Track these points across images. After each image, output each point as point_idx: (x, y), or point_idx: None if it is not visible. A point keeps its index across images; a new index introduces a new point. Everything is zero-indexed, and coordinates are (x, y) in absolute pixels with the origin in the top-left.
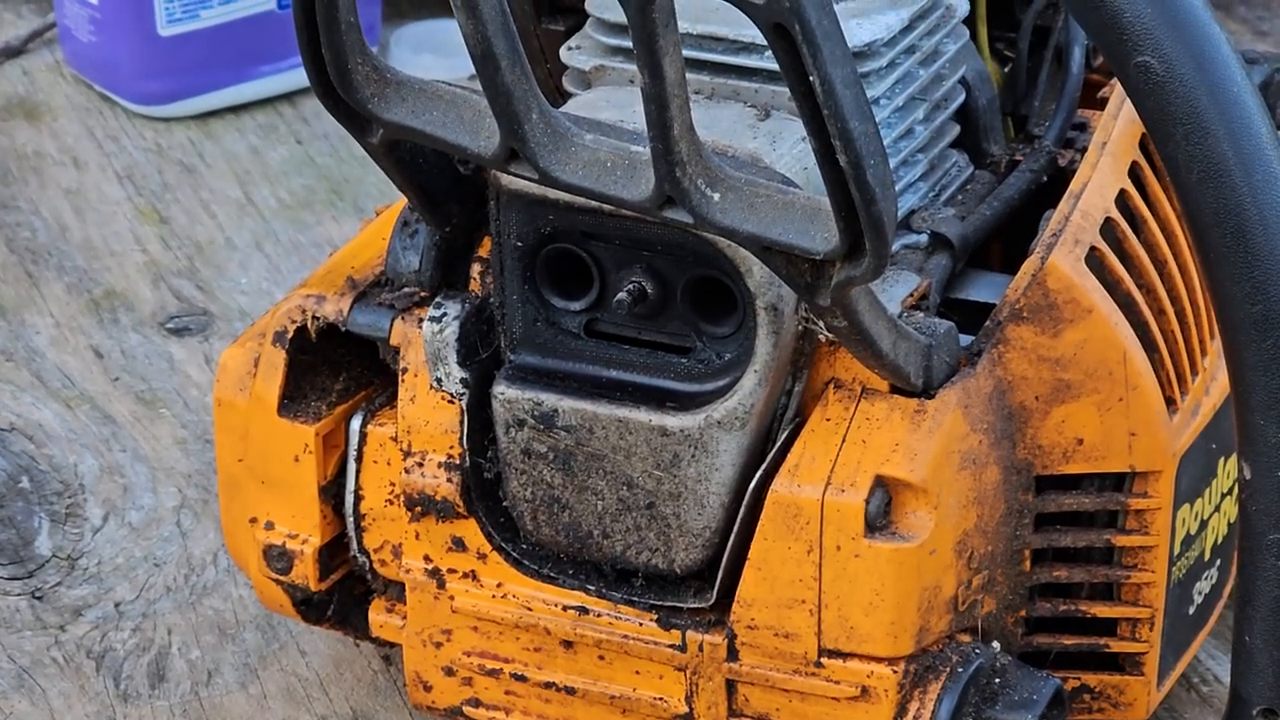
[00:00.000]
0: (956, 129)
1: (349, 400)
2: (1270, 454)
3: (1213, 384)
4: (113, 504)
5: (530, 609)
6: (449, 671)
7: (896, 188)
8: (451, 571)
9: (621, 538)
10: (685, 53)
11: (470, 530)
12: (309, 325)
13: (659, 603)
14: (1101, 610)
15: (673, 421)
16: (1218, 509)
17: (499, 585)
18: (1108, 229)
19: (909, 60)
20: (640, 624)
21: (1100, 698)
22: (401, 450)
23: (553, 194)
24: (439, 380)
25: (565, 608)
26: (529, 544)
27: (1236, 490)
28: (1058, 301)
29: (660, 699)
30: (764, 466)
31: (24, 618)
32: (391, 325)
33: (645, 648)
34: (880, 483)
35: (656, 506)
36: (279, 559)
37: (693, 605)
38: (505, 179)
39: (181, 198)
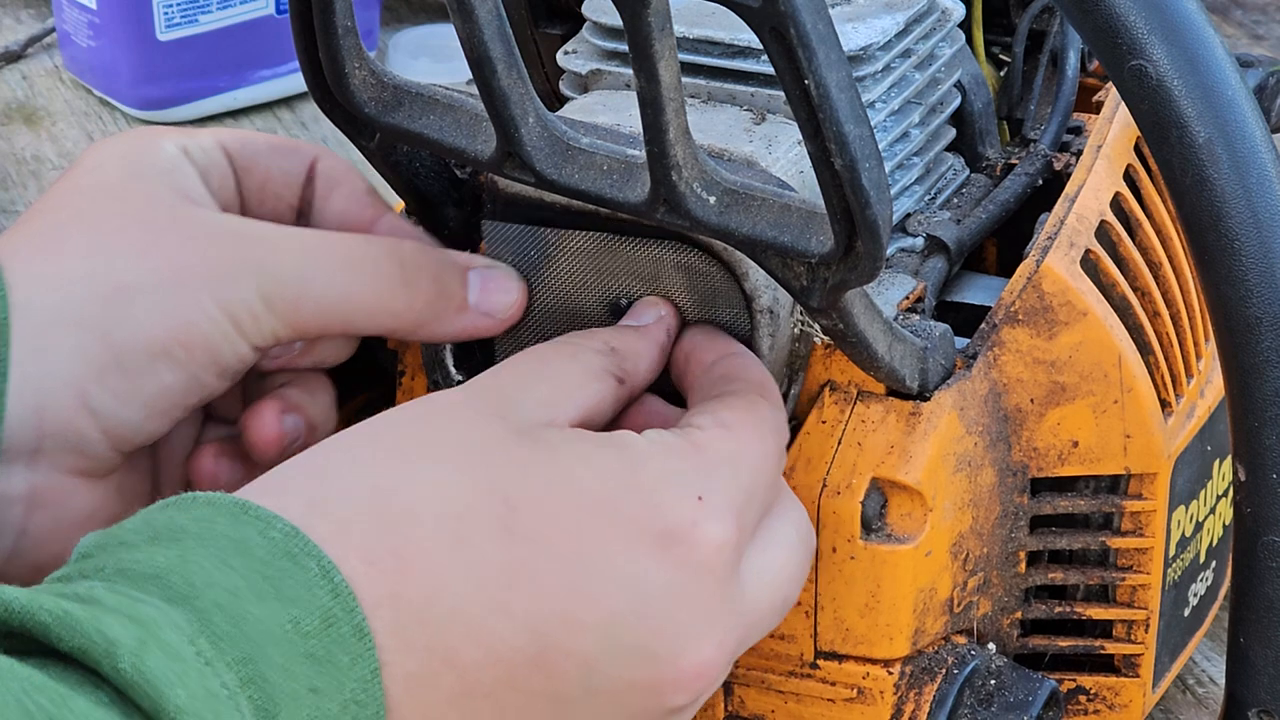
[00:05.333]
0: (952, 132)
1: (346, 403)
2: (1265, 456)
3: (1208, 387)
4: None
5: None
6: None
7: (892, 191)
8: None
9: None
10: (681, 56)
11: None
12: None
13: None
14: (1097, 612)
15: None
16: (1213, 511)
17: None
18: (1103, 232)
19: (904, 64)
20: None
21: (1096, 699)
22: None
23: (549, 197)
24: (436, 383)
25: None
26: None
27: (1231, 492)
28: (1053, 304)
29: None
30: None
31: None
32: None
33: None
34: (876, 485)
35: None
36: None
37: None
38: (502, 182)
39: None
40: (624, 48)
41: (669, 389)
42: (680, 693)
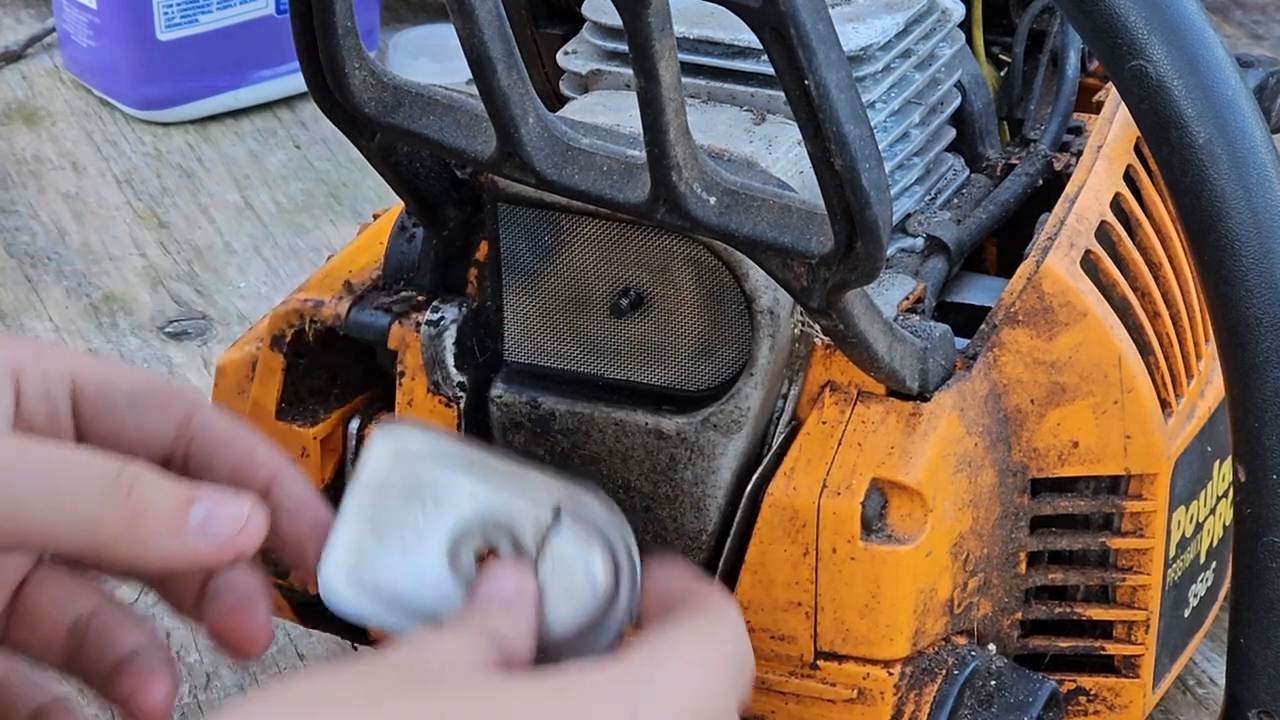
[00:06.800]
0: (952, 133)
1: (347, 404)
2: (1265, 457)
3: (1208, 387)
4: None
5: None
6: None
7: (892, 191)
8: None
9: None
10: (681, 57)
11: None
12: (306, 329)
13: None
14: (1097, 613)
15: (669, 424)
16: (1213, 512)
17: None
18: (1103, 233)
19: (904, 64)
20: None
21: (1096, 700)
22: None
23: (549, 197)
24: (436, 384)
25: None
26: None
27: (1231, 493)
28: (1053, 305)
29: None
30: (760, 470)
31: None
32: (389, 329)
33: None
34: (876, 485)
35: (653, 510)
36: (278, 562)
37: None
38: (502, 182)
39: (180, 202)
40: (624, 48)
41: None
42: None
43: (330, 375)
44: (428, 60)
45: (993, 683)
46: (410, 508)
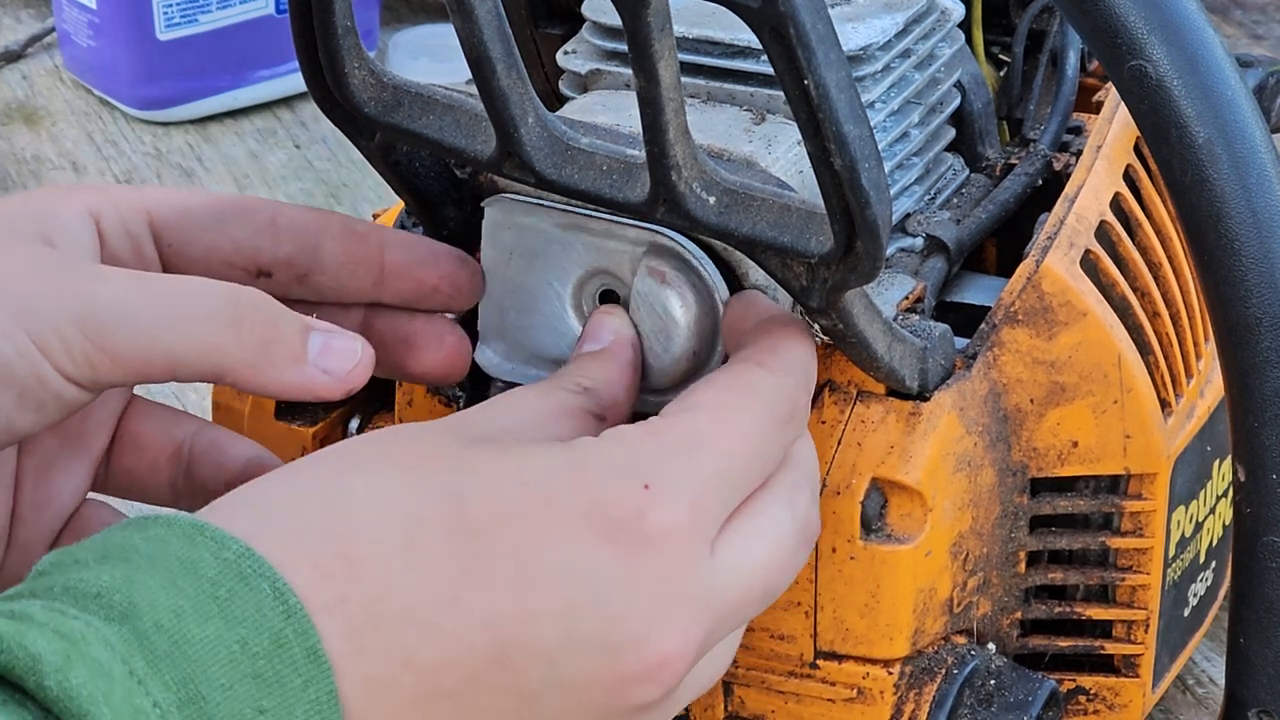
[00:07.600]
0: (952, 133)
1: (346, 403)
2: (1265, 456)
3: (1207, 387)
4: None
5: None
6: None
7: (891, 191)
8: None
9: None
10: (681, 56)
11: None
12: None
13: None
14: (1097, 612)
15: None
16: (1213, 511)
17: None
18: (1102, 232)
19: (904, 64)
20: None
21: (1095, 699)
22: None
23: (549, 197)
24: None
25: None
26: None
27: (1231, 493)
28: (1052, 305)
29: None
30: None
31: None
32: None
33: None
34: (875, 485)
35: None
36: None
37: None
38: (502, 182)
39: None
40: (624, 48)
41: None
42: (646, 685)
43: None
44: (428, 60)
45: (992, 682)
46: (532, 270)
